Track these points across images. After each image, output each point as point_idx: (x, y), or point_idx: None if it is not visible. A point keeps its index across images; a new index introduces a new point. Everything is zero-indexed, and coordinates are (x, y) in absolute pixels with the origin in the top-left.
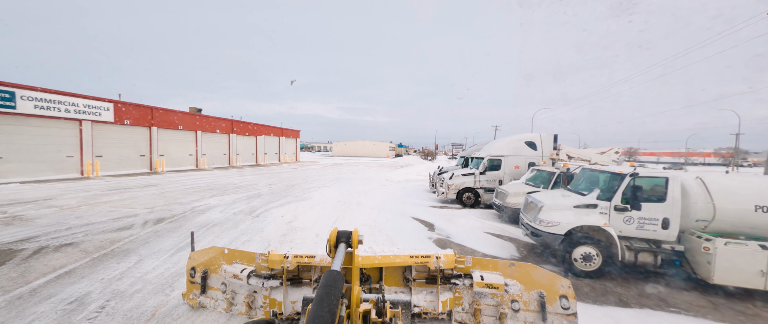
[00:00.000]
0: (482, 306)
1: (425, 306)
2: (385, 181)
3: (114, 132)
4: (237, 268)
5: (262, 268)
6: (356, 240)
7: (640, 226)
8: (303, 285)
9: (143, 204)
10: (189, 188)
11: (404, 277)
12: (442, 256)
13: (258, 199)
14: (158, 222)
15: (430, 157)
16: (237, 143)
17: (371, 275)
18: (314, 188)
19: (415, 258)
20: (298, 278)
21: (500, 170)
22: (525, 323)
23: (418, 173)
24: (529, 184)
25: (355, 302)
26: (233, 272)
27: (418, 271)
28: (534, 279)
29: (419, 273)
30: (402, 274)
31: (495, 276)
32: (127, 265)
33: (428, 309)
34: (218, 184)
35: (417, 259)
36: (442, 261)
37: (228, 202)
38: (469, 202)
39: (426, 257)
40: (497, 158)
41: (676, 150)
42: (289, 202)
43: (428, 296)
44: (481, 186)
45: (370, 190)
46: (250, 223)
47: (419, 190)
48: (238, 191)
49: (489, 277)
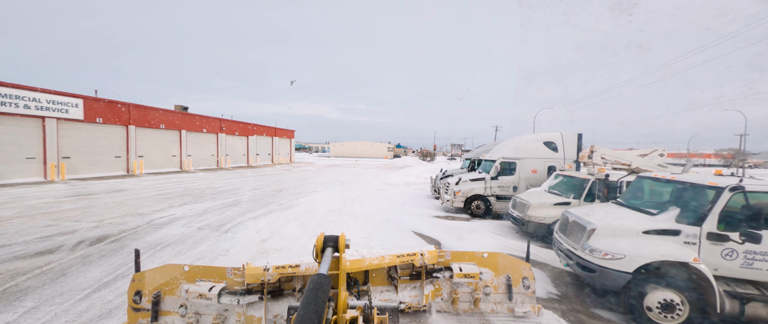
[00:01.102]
0: (460, 294)
1: (410, 301)
2: (383, 184)
3: (84, 131)
4: (203, 286)
5: (235, 284)
6: (343, 245)
7: (747, 263)
8: (285, 296)
9: (94, 216)
10: (160, 194)
11: (389, 276)
12: (426, 252)
13: (235, 208)
14: (97, 242)
15: (428, 158)
16: (226, 143)
17: (357, 278)
18: (303, 193)
19: (401, 257)
20: (279, 290)
21: (515, 175)
22: (495, 304)
23: (417, 175)
24: (554, 193)
25: (341, 308)
26: (199, 291)
27: (402, 269)
28: (502, 265)
29: (403, 270)
30: (387, 274)
31: (471, 266)
32: (4, 321)
33: (413, 304)
34: (197, 188)
35: (403, 258)
36: (426, 257)
37: (198, 211)
38: (478, 212)
39: (411, 255)
40: (511, 161)
41: (675, 151)
42: (271, 211)
43: (412, 292)
44: (493, 193)
45: (365, 195)
46: (213, 241)
47: (420, 196)
48: (215, 198)
49: (466, 267)
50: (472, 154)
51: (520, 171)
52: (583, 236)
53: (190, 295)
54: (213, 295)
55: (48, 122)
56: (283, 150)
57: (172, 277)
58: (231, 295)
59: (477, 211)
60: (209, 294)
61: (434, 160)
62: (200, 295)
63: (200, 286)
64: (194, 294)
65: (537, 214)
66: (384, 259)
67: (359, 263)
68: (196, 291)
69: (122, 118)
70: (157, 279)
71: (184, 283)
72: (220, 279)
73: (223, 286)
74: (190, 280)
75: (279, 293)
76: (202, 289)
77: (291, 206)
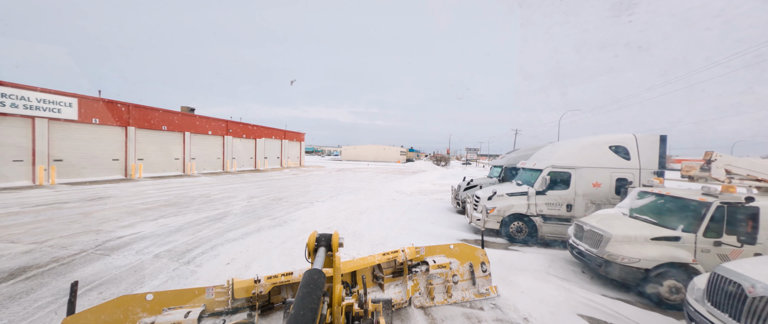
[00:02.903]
0: (434, 285)
1: (395, 298)
2: (395, 193)
3: (78, 132)
4: (175, 314)
5: (217, 305)
6: (337, 243)
7: None
8: (276, 310)
9: (41, 233)
10: (142, 203)
11: (374, 276)
12: (407, 249)
13: (216, 225)
14: (9, 277)
15: (442, 162)
16: (232, 146)
17: (346, 280)
18: (304, 204)
19: (386, 255)
20: (269, 305)
21: (569, 189)
22: (462, 290)
23: (432, 182)
24: (644, 219)
25: (337, 301)
26: (170, 321)
27: (386, 268)
28: (466, 254)
29: (387, 269)
30: (372, 274)
31: (442, 258)
32: None
33: (398, 300)
34: (188, 196)
35: (388, 255)
36: (407, 253)
37: (171, 228)
38: (519, 237)
39: (395, 252)
40: (564, 171)
41: None
42: (259, 228)
43: (396, 289)
44: (539, 212)
45: (375, 207)
46: (164, 279)
47: (439, 210)
48: (202, 209)
49: (439, 259)
50: (505, 161)
51: (576, 184)
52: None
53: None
54: (191, 320)
55: (38, 122)
56: (292, 153)
57: (126, 314)
58: (214, 317)
59: (517, 235)
60: (186, 321)
61: (448, 164)
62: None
63: (171, 315)
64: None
65: (625, 253)
66: (373, 259)
67: (347, 264)
68: (167, 321)
69: (121, 118)
70: (102, 319)
71: (145, 317)
72: (197, 303)
73: (203, 310)
74: (154, 311)
75: (269, 308)
76: (175, 316)
77: (285, 222)
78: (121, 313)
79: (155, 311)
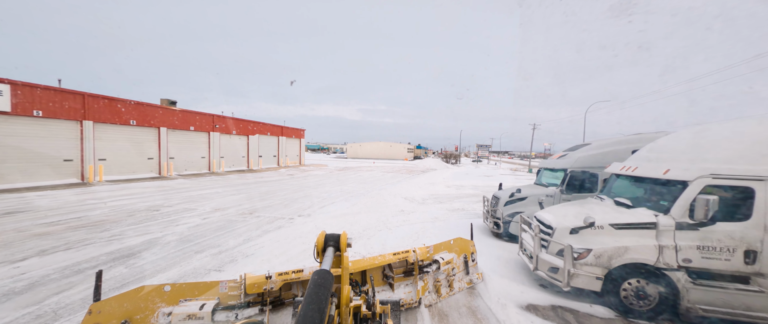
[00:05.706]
0: (441, 281)
1: (405, 298)
2: (404, 201)
3: (12, 126)
4: (191, 305)
5: (230, 299)
6: (345, 243)
7: None
8: (286, 306)
9: None
10: (44, 224)
11: (384, 275)
12: (418, 250)
13: (117, 271)
14: None
15: (453, 160)
16: (220, 144)
17: (356, 279)
18: (283, 221)
19: (397, 255)
20: (280, 300)
21: (751, 219)
22: (460, 281)
23: (446, 184)
24: None
25: (344, 301)
26: (187, 312)
27: (396, 267)
28: (461, 247)
29: (397, 268)
30: (382, 274)
31: (446, 254)
32: None
33: (407, 300)
34: (129, 210)
35: (399, 255)
36: (418, 253)
37: (22, 284)
38: (641, 308)
39: (406, 252)
40: (740, 184)
41: None
42: (183, 276)
43: (406, 289)
44: (685, 262)
45: (375, 223)
46: None
47: (465, 228)
48: (124, 234)
49: (445, 256)
50: (571, 161)
51: (763, 209)
52: None
53: (175, 317)
54: (205, 312)
55: None
56: (291, 151)
57: (146, 302)
58: (227, 310)
59: (639, 305)
60: (201, 312)
61: (459, 162)
62: (189, 316)
63: (187, 306)
64: (180, 316)
65: None
66: (384, 258)
67: (358, 263)
68: (183, 312)
69: (74, 111)
70: (125, 305)
71: (163, 307)
72: (211, 295)
73: (217, 303)
74: (172, 301)
75: (280, 304)
76: (191, 308)
77: (232, 261)
78: (141, 302)
79: (173, 302)
